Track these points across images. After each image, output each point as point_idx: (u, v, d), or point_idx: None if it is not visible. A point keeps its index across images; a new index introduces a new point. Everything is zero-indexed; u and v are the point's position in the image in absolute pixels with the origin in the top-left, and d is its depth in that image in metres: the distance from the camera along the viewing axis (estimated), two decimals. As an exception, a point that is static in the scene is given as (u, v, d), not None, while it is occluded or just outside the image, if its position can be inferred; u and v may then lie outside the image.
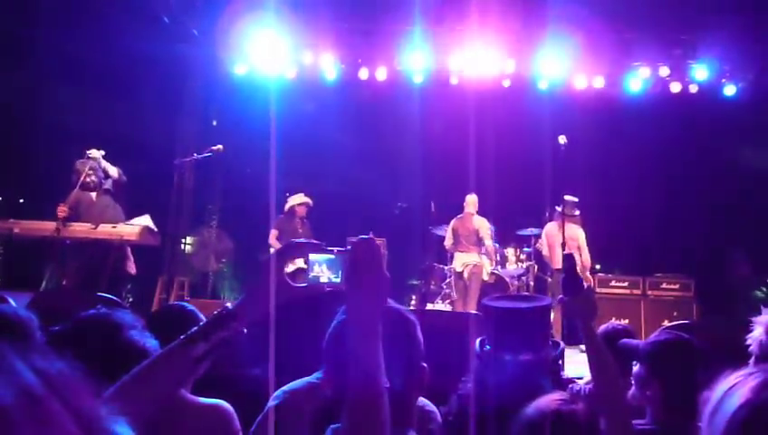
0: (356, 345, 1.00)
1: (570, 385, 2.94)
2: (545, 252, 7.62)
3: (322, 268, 1.21)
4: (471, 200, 7.83)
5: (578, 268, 7.31)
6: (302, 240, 1.26)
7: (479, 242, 7.65)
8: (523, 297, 1.78)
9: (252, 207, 8.66)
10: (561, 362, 1.77)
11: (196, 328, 1.12)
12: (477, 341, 1.72)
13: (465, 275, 7.67)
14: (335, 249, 1.19)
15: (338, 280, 1.20)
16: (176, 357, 1.09)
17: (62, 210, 5.74)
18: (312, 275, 1.21)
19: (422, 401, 1.58)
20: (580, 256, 7.33)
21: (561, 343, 1.67)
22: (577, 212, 7.36)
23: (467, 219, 7.75)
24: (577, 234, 7.38)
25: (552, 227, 7.45)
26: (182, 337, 1.11)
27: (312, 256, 1.22)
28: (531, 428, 1.44)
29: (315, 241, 1.21)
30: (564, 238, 6.29)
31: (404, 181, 9.56)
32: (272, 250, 7.53)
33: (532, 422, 1.44)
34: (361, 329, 1.01)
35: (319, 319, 1.24)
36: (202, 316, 2.20)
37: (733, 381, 0.84)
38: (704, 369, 2.08)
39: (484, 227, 7.67)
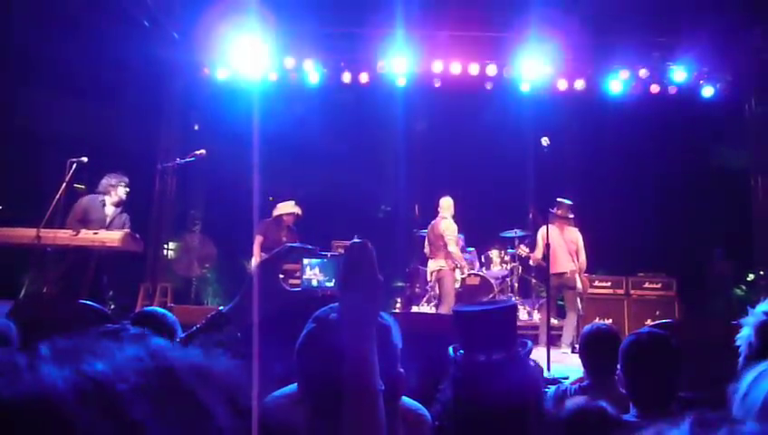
0: (350, 348, 1.00)
1: (557, 385, 2.97)
2: (539, 255, 7.30)
3: (315, 271, 1.22)
4: (444, 204, 7.52)
5: (575, 270, 7.19)
6: (296, 244, 1.27)
7: (444, 247, 7.35)
8: (490, 302, 1.83)
9: (235, 212, 8.61)
10: (530, 359, 1.81)
11: (189, 331, 1.11)
12: (450, 348, 1.77)
13: (431, 281, 7.63)
14: (328, 253, 1.20)
15: (330, 283, 1.21)
16: None
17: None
18: (304, 277, 1.22)
19: (413, 403, 1.59)
20: (578, 258, 7.30)
21: (530, 342, 1.72)
22: (571, 215, 7.36)
23: (436, 224, 7.50)
24: (576, 236, 7.37)
25: (550, 230, 6.56)
26: (176, 341, 1.10)
27: (306, 260, 1.23)
28: (569, 425, 1.50)
29: (309, 246, 1.21)
30: (548, 240, 6.24)
31: (388, 184, 9.58)
32: (254, 258, 7.47)
33: (570, 420, 1.50)
34: (355, 332, 1.01)
35: None
36: (173, 321, 2.21)
37: (762, 369, 0.93)
38: (681, 365, 2.13)
39: (447, 231, 7.33)
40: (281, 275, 1.18)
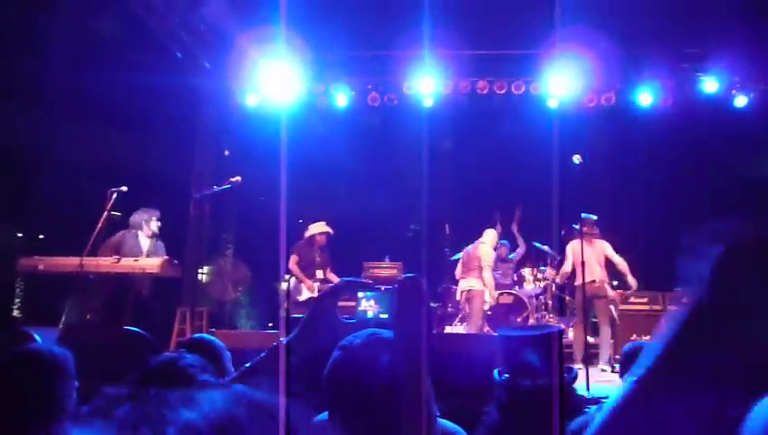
0: (406, 377, 1.05)
1: (597, 404, 2.92)
2: (568, 268, 7.35)
3: (371, 303, 1.28)
4: (488, 236, 7.72)
5: (605, 279, 7.13)
6: (352, 279, 1.36)
7: (479, 269, 7.49)
8: (535, 326, 1.83)
9: (267, 235, 8.72)
10: (574, 386, 1.81)
11: (254, 362, 1.18)
12: (495, 371, 1.77)
13: (461, 301, 7.66)
14: (382, 287, 1.26)
15: (385, 316, 1.27)
16: None
17: None
18: (360, 309, 1.28)
19: (452, 426, 1.59)
20: (616, 264, 7.26)
21: (575, 369, 1.71)
22: (596, 230, 7.29)
23: (475, 247, 7.66)
24: (603, 247, 7.31)
25: (576, 245, 6.85)
26: (242, 369, 1.19)
27: (361, 293, 1.29)
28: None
29: (365, 280, 1.29)
30: (584, 258, 6.15)
31: (416, 204, 9.61)
32: (288, 277, 7.56)
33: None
34: (411, 362, 1.06)
35: None
36: (221, 347, 2.30)
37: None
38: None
39: (485, 256, 7.50)
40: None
